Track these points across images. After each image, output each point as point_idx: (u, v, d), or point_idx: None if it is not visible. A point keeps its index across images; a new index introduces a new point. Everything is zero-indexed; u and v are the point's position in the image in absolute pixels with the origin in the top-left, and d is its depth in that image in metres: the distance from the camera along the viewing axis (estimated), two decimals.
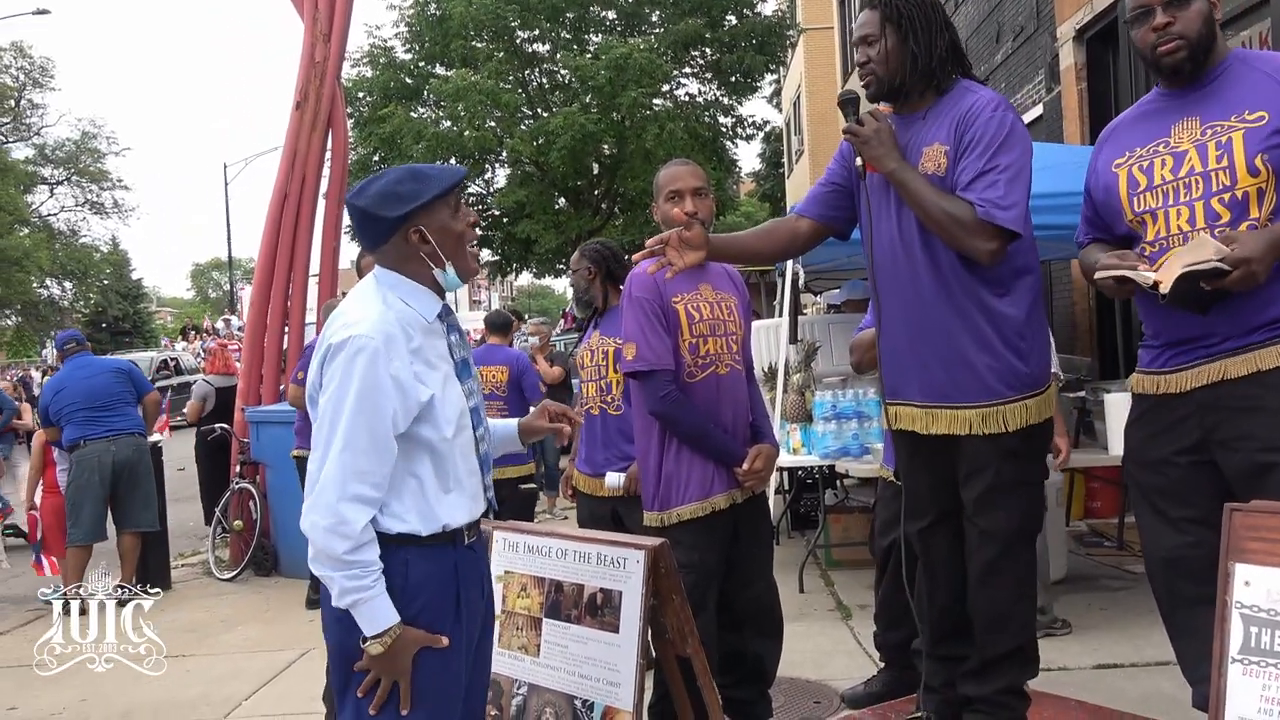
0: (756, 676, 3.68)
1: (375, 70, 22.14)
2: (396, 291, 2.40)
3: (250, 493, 8.10)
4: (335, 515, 2.23)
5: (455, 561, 2.42)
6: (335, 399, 2.27)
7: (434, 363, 2.40)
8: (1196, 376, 2.76)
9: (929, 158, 3.00)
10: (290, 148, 8.74)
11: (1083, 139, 9.31)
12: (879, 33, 3.06)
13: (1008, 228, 2.85)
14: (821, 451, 6.14)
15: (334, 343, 2.30)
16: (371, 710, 2.31)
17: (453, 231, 2.42)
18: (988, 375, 2.96)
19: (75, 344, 7.75)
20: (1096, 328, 9.55)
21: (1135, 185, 2.87)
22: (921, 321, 3.04)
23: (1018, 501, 3.01)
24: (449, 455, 2.40)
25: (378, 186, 2.39)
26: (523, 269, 26.78)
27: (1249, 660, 1.83)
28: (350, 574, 2.24)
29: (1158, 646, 4.73)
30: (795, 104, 32.44)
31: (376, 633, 2.26)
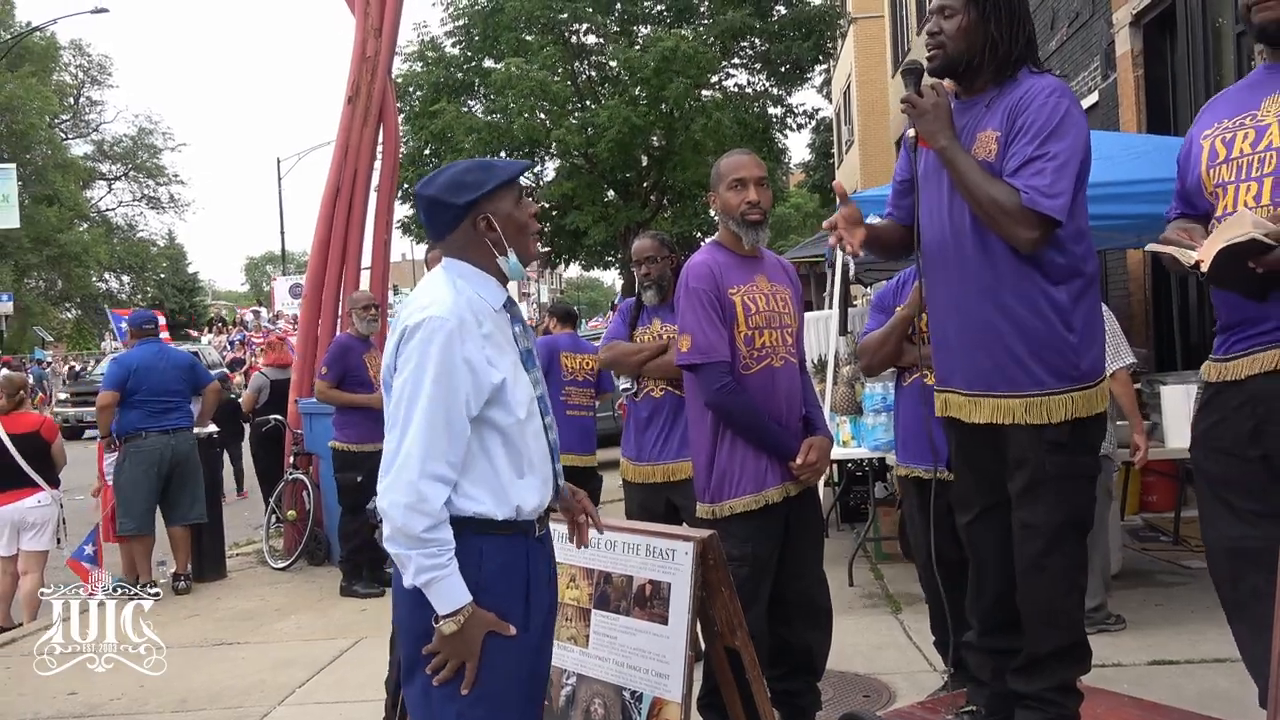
0: (806, 669, 3.67)
1: (425, 65, 22.31)
2: (465, 279, 2.47)
3: (304, 483, 8.21)
4: (415, 493, 2.27)
5: (527, 554, 2.46)
6: (413, 379, 2.32)
7: (504, 348, 2.46)
8: (1250, 364, 2.69)
9: (981, 143, 2.96)
10: (342, 142, 8.83)
11: (1139, 126, 9.16)
12: (959, 7, 3.00)
13: (1051, 216, 2.81)
14: (872, 444, 6.11)
15: (410, 325, 2.35)
16: (435, 683, 2.35)
17: (516, 220, 2.49)
18: (1033, 365, 2.92)
19: (153, 327, 7.92)
20: (1153, 318, 9.40)
21: (1215, 157, 2.79)
22: (969, 307, 3.00)
23: (1063, 495, 2.96)
24: (520, 438, 2.44)
25: (446, 176, 2.48)
26: (572, 261, 26.89)
27: None
28: (428, 552, 2.27)
29: (1214, 643, 4.67)
30: (845, 94, 32.23)
31: (450, 611, 2.30)
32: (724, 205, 3.58)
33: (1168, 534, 7.07)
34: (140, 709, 5.12)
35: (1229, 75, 8.13)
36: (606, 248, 23.95)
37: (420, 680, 2.40)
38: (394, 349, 2.40)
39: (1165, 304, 9.30)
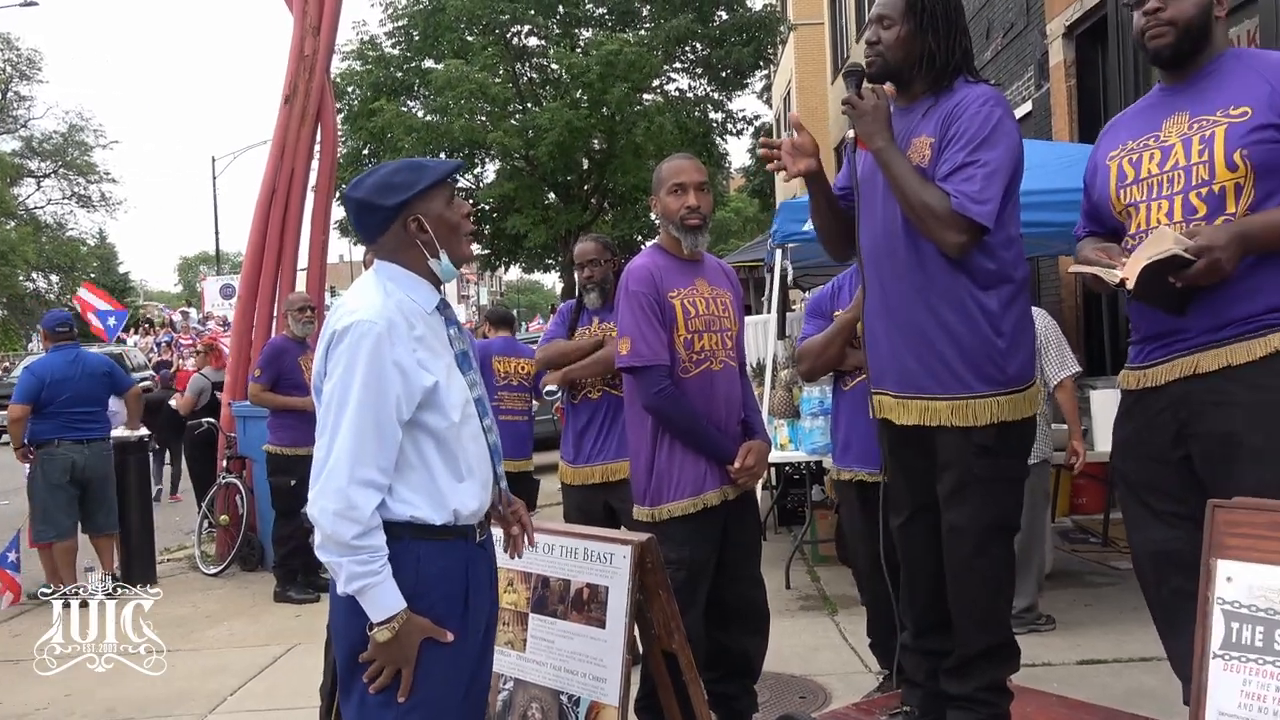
0: (743, 671, 3.69)
1: (364, 65, 22.11)
2: (396, 282, 2.44)
3: (237, 488, 8.08)
4: (344, 500, 2.24)
5: (467, 560, 2.43)
6: (341, 384, 2.29)
7: (437, 350, 2.43)
8: (1170, 370, 2.78)
9: (916, 149, 3.01)
10: (279, 141, 8.72)
11: (1071, 136, 9.33)
12: (897, 18, 3.05)
13: (979, 221, 2.86)
14: (809, 447, 6.15)
15: (338, 329, 2.33)
16: (371, 691, 2.32)
17: (448, 221, 2.47)
18: (960, 368, 2.97)
19: (67, 330, 7.65)
20: (1084, 325, 9.58)
21: (1123, 178, 2.89)
22: (900, 310, 3.05)
23: (990, 497, 3.01)
24: (456, 442, 2.42)
25: (375, 178, 2.45)
26: (512, 263, 26.78)
27: (1230, 655, 1.84)
28: (358, 559, 2.25)
29: (1141, 642, 4.77)
30: (785, 99, 32.44)
31: (384, 618, 2.27)
32: (664, 210, 3.59)
33: (1097, 536, 7.21)
34: (66, 718, 5.01)
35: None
36: (546, 251, 23.89)
37: (356, 689, 2.37)
38: (323, 353, 2.37)
39: (1096, 310, 9.49)
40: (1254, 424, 2.62)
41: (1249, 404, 2.63)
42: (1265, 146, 2.64)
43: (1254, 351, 2.63)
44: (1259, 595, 1.83)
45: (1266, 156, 2.64)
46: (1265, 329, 2.64)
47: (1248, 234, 2.59)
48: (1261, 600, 1.83)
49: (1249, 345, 2.64)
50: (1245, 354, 2.64)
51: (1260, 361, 2.63)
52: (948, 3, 3.06)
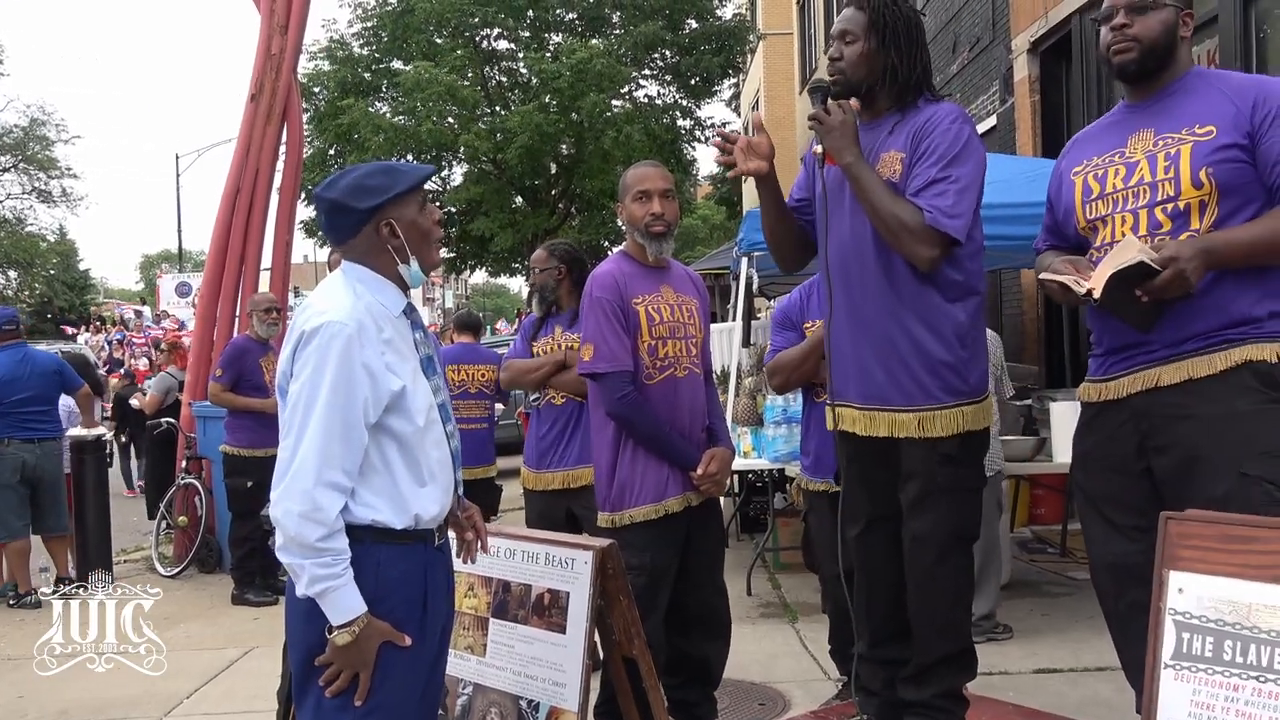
0: (703, 678, 3.69)
1: (333, 64, 21.98)
2: (365, 285, 2.43)
3: (196, 488, 8.00)
4: (310, 501, 2.23)
5: (426, 564, 2.43)
6: (310, 385, 2.27)
7: (404, 354, 2.43)
8: (1132, 383, 2.81)
9: (886, 163, 3.05)
10: (244, 140, 8.66)
11: (1035, 150, 9.44)
12: (860, 35, 3.08)
13: (952, 235, 2.90)
14: (771, 455, 6.18)
15: (307, 329, 2.31)
16: (328, 694, 2.31)
17: (420, 227, 2.46)
18: (927, 380, 3.01)
19: (14, 328, 7.51)
20: (1045, 337, 9.68)
21: (1089, 192, 2.93)
22: (866, 323, 3.08)
23: (953, 507, 3.05)
24: (420, 447, 2.41)
25: (348, 180, 2.43)
26: (478, 267, 26.70)
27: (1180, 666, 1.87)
28: (321, 561, 2.23)
29: (1097, 652, 4.82)
30: (754, 108, 32.58)
31: (344, 622, 2.26)
32: (629, 216, 3.60)
33: (1055, 546, 7.28)
34: (19, 718, 4.94)
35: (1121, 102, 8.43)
36: (513, 254, 23.82)
37: (312, 692, 2.35)
38: (290, 354, 2.35)
39: (1057, 323, 9.59)
40: (1213, 439, 2.65)
41: (1209, 418, 2.66)
42: (1229, 165, 2.69)
43: (1214, 365, 2.67)
44: (1209, 606, 1.87)
45: (1230, 175, 2.69)
46: (1226, 343, 2.67)
47: (1212, 249, 2.64)
48: (1211, 611, 1.87)
49: (1209, 359, 2.68)
50: (1206, 367, 2.68)
51: (1220, 375, 2.66)
52: (909, 19, 3.11)
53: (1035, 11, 9.44)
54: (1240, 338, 2.67)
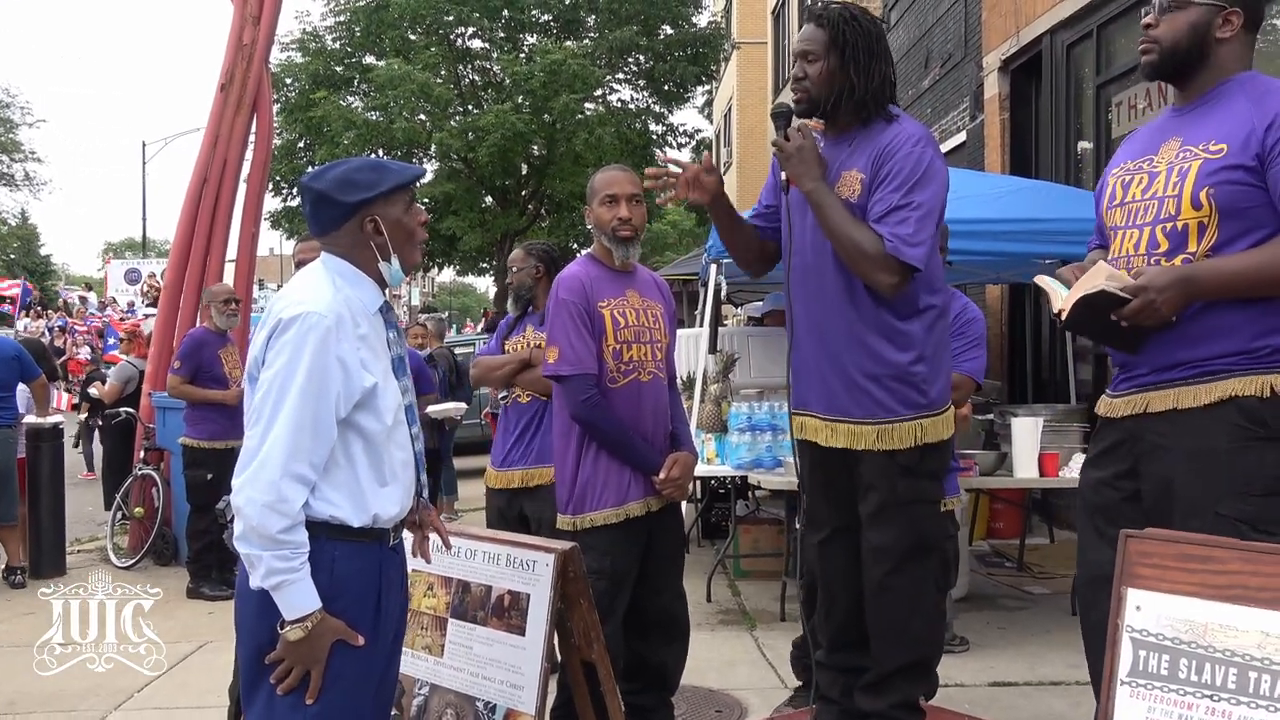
0: (660, 684, 3.69)
1: (305, 56, 21.85)
2: (344, 278, 2.40)
3: (154, 479, 7.90)
4: (275, 491, 2.19)
5: (381, 561, 2.40)
6: (283, 374, 2.24)
7: (378, 352, 2.41)
8: (1126, 405, 2.77)
9: (845, 183, 3.08)
10: (213, 130, 8.57)
11: (1003, 168, 9.52)
12: (821, 53, 3.10)
13: (912, 265, 2.92)
14: (735, 462, 6.18)
15: (285, 318, 2.28)
16: (279, 692, 2.27)
17: (405, 226, 2.45)
18: (883, 394, 3.04)
19: None
20: (1007, 352, 9.77)
21: (1113, 198, 2.85)
22: (826, 337, 3.11)
23: (912, 518, 3.07)
24: (385, 446, 2.39)
25: (337, 172, 2.41)
26: (445, 265, 26.61)
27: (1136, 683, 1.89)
28: (280, 554, 2.20)
29: (1052, 665, 4.86)
30: (726, 116, 32.70)
31: (298, 617, 2.23)
32: (597, 220, 3.59)
33: (1012, 560, 7.34)
34: None
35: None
36: (481, 254, 23.77)
37: (263, 689, 2.32)
38: (264, 342, 2.31)
39: (1020, 338, 9.68)
40: (1191, 475, 2.60)
41: (1189, 452, 2.61)
42: (1231, 187, 2.57)
43: (1199, 398, 2.60)
44: (1166, 624, 1.88)
45: (1231, 198, 2.57)
46: (1213, 374, 2.61)
47: (1193, 279, 2.56)
48: (1168, 629, 1.88)
49: (1195, 390, 2.62)
50: (1192, 399, 2.62)
51: (1206, 409, 2.60)
52: (869, 34, 3.12)
53: (1007, 30, 9.53)
54: (1228, 369, 2.59)
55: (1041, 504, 8.15)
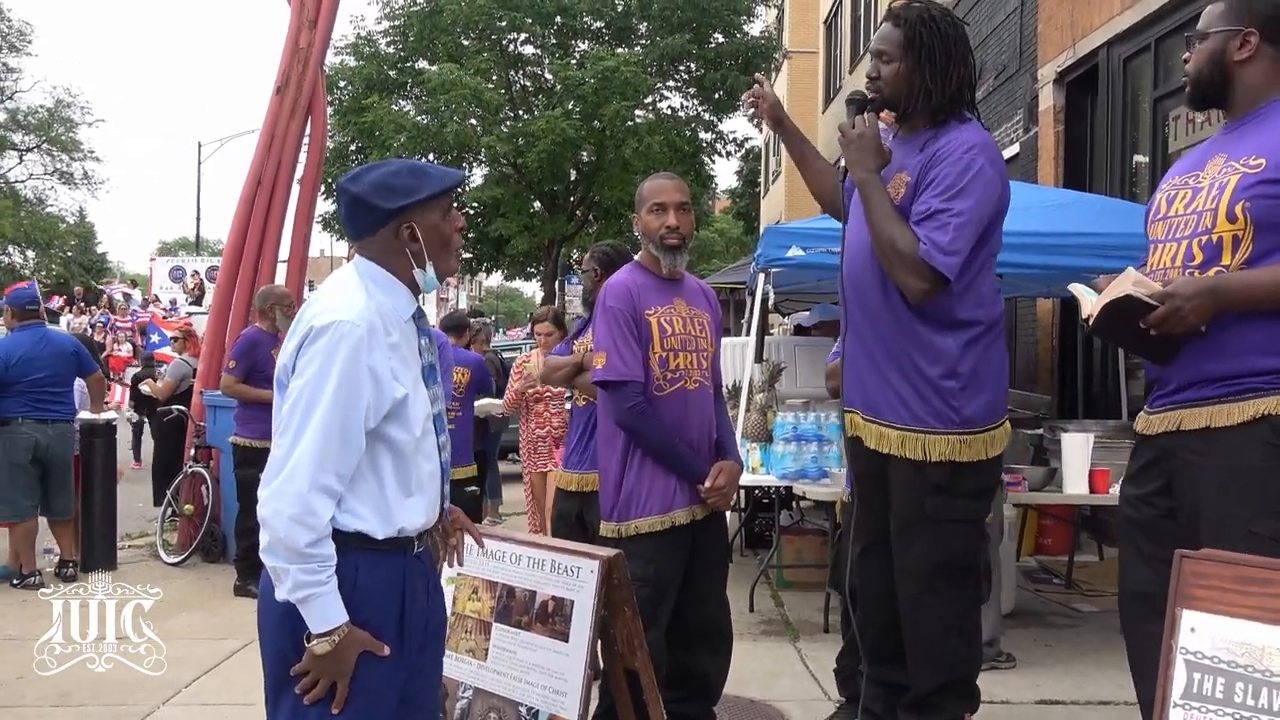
0: (702, 693, 3.68)
1: (359, 60, 22.08)
2: (377, 284, 2.36)
3: (203, 477, 8.01)
4: (303, 505, 2.17)
5: (404, 570, 2.37)
6: (313, 384, 2.21)
7: (408, 360, 2.37)
8: (1161, 422, 2.77)
9: (894, 184, 3.05)
10: (268, 132, 8.68)
11: (1057, 181, 9.41)
12: (896, 54, 3.07)
13: (943, 273, 2.89)
14: (780, 472, 6.16)
15: (316, 326, 2.24)
16: (306, 702, 2.25)
17: (441, 233, 2.39)
18: (914, 401, 3.01)
19: (35, 308, 7.55)
20: (1058, 366, 9.64)
21: (1157, 212, 2.87)
22: (869, 336, 3.10)
23: (939, 538, 3.01)
24: (412, 458, 2.36)
25: (374, 176, 2.36)
26: (494, 269, 26.76)
27: (1190, 705, 1.86)
28: (308, 568, 2.17)
29: (1100, 685, 4.80)
30: None
31: (325, 630, 2.20)
32: (644, 228, 3.60)
33: (1060, 577, 7.24)
34: (18, 701, 4.94)
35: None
36: (529, 258, 23.89)
37: (287, 699, 2.30)
38: (295, 350, 2.27)
39: (1070, 353, 9.55)
40: (1224, 493, 2.60)
41: (1222, 470, 2.61)
42: (1267, 201, 2.59)
43: (1233, 416, 2.61)
44: (1221, 647, 1.85)
45: (1267, 211, 2.59)
46: (1249, 393, 2.60)
47: (1222, 289, 2.57)
48: (1224, 653, 1.85)
49: (1229, 409, 2.62)
50: (1225, 417, 2.62)
51: (1239, 427, 2.59)
52: (947, 36, 3.08)
53: (1063, 42, 9.43)
54: (1265, 388, 2.59)
55: (1091, 520, 8.03)
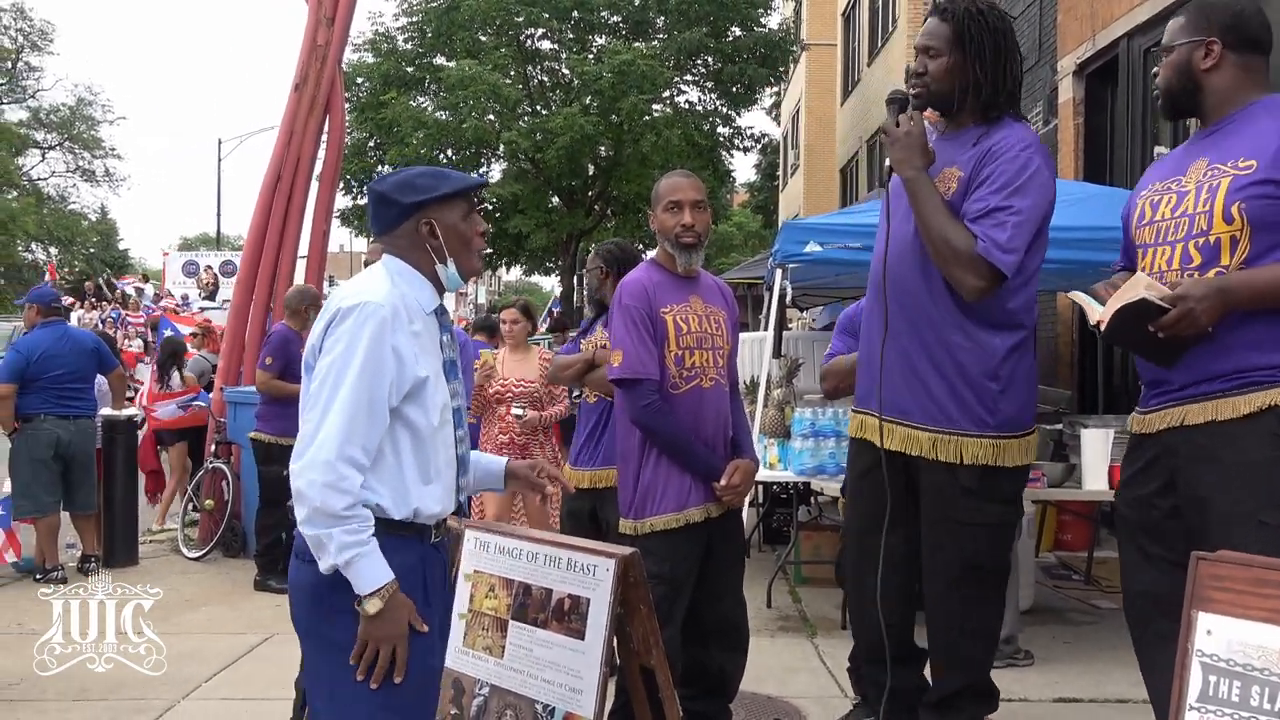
0: (719, 690, 3.69)
1: (377, 57, 22.15)
2: (402, 277, 2.48)
3: (224, 473, 8.07)
4: (335, 472, 2.26)
5: (423, 558, 2.46)
6: (341, 361, 2.31)
7: (430, 350, 2.47)
8: (1162, 419, 2.80)
9: (943, 179, 3.01)
10: (286, 129, 8.72)
11: (1077, 174, 9.36)
12: (944, 48, 3.03)
13: (1002, 270, 2.86)
14: (798, 468, 6.15)
15: (344, 307, 2.35)
16: (373, 684, 2.32)
17: (460, 232, 2.50)
18: (947, 402, 2.98)
19: (56, 306, 7.64)
20: (1078, 361, 9.60)
21: (1142, 217, 2.90)
22: (898, 333, 3.06)
23: (967, 540, 3.00)
24: (431, 443, 2.44)
25: (400, 176, 2.51)
26: (513, 264, 26.82)
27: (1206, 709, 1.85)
28: (349, 528, 2.26)
29: (1119, 683, 4.77)
30: (794, 118, 32.50)
31: (374, 588, 2.28)
32: (660, 226, 3.60)
33: (1080, 573, 7.21)
34: (39, 695, 4.99)
35: (1165, 130, 8.35)
36: (548, 253, 23.93)
37: (325, 681, 2.38)
38: (323, 331, 2.39)
39: (1090, 348, 9.50)
40: (1232, 485, 2.62)
41: (1229, 463, 2.63)
42: (1263, 202, 2.65)
43: (1239, 409, 2.64)
44: (1238, 650, 1.84)
45: (1263, 212, 2.65)
46: (1253, 385, 2.65)
47: (1229, 289, 2.61)
48: (1240, 655, 1.84)
49: (1234, 401, 2.65)
50: (1231, 410, 2.65)
51: (1245, 420, 2.63)
52: (996, 30, 3.04)
53: (1082, 34, 9.37)
54: (1268, 380, 2.63)
55: (1110, 516, 7.98)
